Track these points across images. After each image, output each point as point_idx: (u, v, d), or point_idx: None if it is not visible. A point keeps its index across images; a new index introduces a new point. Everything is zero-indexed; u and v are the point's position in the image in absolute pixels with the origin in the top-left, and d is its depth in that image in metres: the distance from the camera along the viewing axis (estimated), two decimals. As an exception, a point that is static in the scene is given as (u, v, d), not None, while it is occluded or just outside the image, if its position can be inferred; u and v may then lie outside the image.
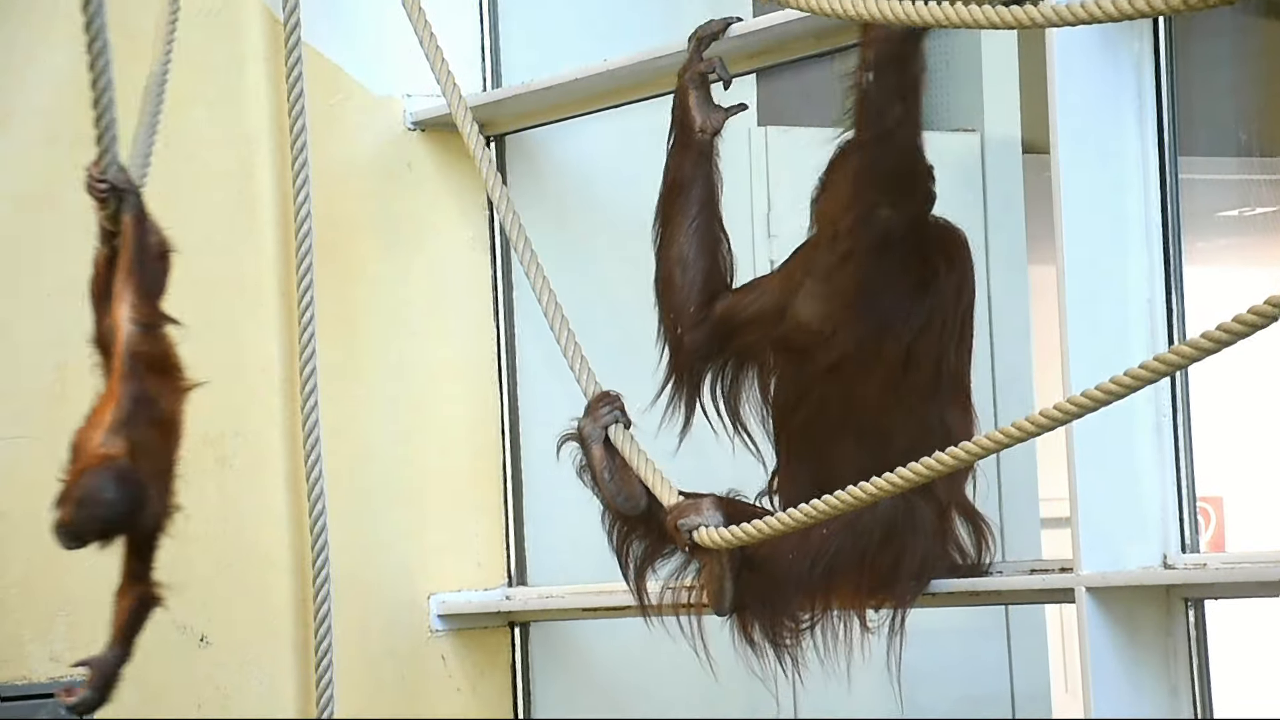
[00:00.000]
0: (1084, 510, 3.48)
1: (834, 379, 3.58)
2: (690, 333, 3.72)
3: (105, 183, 3.30)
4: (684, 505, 3.48)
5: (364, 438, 4.45)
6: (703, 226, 3.71)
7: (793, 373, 3.67)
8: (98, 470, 3.23)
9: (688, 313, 3.72)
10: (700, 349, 3.73)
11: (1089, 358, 3.49)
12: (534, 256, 3.84)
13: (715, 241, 3.73)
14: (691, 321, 3.72)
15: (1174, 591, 3.53)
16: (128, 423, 3.26)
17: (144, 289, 3.33)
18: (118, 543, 3.32)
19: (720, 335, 3.73)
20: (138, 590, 3.38)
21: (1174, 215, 3.60)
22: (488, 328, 4.61)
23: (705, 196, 3.71)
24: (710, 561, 3.49)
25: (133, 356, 3.29)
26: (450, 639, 4.51)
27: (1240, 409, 5.55)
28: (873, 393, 3.55)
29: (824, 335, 3.58)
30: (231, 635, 4.23)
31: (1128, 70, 3.58)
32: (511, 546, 4.60)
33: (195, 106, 4.29)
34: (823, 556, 3.49)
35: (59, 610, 4.03)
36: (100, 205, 3.33)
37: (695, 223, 3.71)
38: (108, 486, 3.23)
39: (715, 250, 3.73)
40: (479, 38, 4.60)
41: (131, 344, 3.30)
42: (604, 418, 3.69)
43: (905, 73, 3.40)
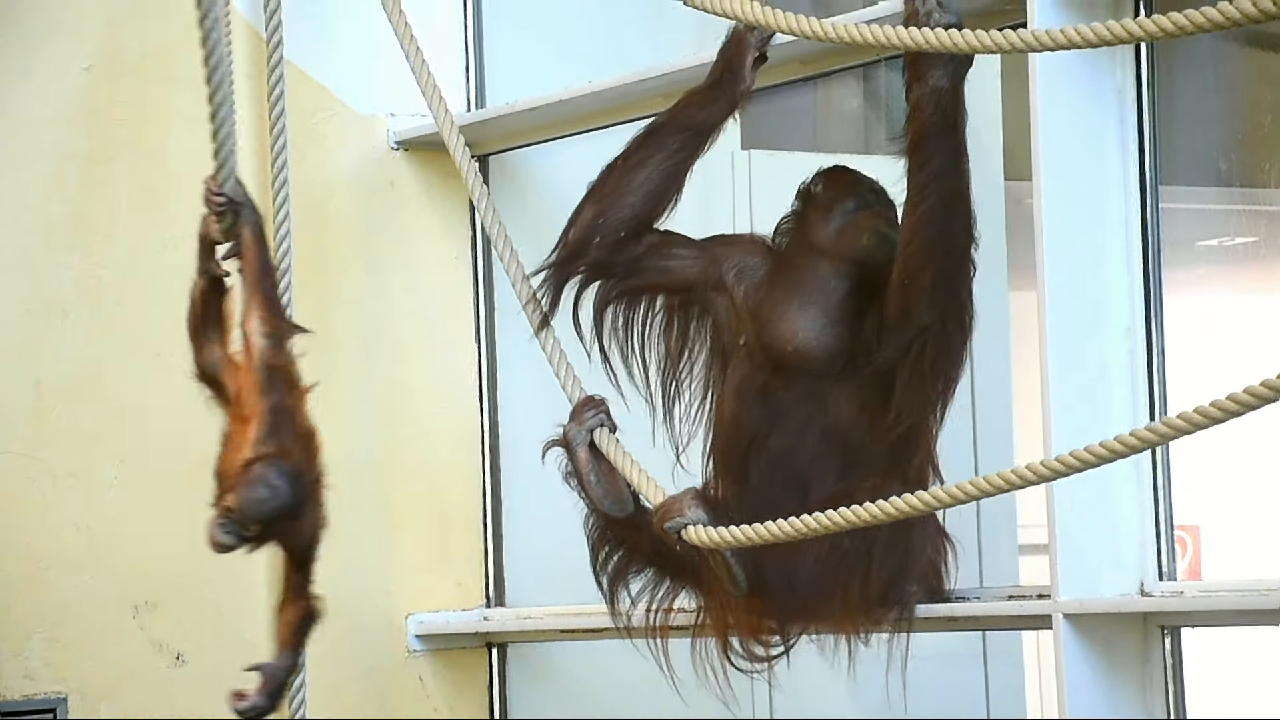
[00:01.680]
0: (1062, 537, 3.48)
1: (821, 398, 3.60)
2: (608, 249, 3.71)
3: (223, 196, 3.31)
4: (668, 505, 3.49)
5: (344, 456, 4.42)
6: (679, 166, 3.70)
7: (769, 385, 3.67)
8: (265, 462, 3.25)
9: (615, 231, 3.70)
10: (606, 266, 3.72)
11: (1069, 386, 3.50)
12: (519, 265, 3.86)
13: (677, 188, 3.71)
14: (613, 241, 3.71)
15: (1151, 619, 3.53)
16: (273, 435, 3.27)
17: (271, 301, 3.33)
18: (265, 552, 3.33)
19: (630, 267, 3.72)
20: (300, 605, 3.38)
21: (1154, 244, 3.62)
22: (469, 348, 4.61)
23: (698, 144, 3.70)
24: (711, 555, 3.50)
25: (269, 370, 3.30)
26: (428, 659, 4.51)
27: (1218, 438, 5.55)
28: (854, 415, 3.57)
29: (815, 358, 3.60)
30: (208, 653, 4.22)
31: (1109, 98, 3.60)
32: (490, 567, 4.60)
33: (177, 123, 4.28)
34: (829, 558, 3.50)
35: (35, 628, 4.01)
36: (217, 219, 3.33)
37: (674, 160, 3.70)
38: (277, 475, 3.24)
39: (671, 194, 3.71)
40: (463, 58, 4.61)
41: (265, 357, 3.31)
42: (589, 421, 3.70)
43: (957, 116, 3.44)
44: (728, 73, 3.69)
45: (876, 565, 3.53)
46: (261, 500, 3.23)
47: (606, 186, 3.72)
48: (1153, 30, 2.74)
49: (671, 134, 3.70)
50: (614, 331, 3.75)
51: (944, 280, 3.46)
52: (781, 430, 3.62)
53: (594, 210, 3.72)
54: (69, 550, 4.06)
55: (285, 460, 3.27)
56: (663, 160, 3.70)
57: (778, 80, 3.93)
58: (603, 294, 3.74)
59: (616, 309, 3.74)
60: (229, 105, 3.26)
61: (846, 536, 3.45)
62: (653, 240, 3.73)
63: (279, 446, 3.27)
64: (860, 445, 3.57)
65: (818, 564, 3.52)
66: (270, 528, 3.26)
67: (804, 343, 3.61)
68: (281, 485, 3.24)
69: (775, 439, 3.62)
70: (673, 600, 3.72)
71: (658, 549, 3.66)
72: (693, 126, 3.69)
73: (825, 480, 3.57)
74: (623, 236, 3.71)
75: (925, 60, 3.45)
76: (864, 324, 3.59)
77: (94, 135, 4.14)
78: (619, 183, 3.70)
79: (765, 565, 3.53)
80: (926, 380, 3.50)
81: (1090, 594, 3.49)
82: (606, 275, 3.74)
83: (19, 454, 4.03)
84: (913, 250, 3.47)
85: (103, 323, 4.14)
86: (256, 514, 3.23)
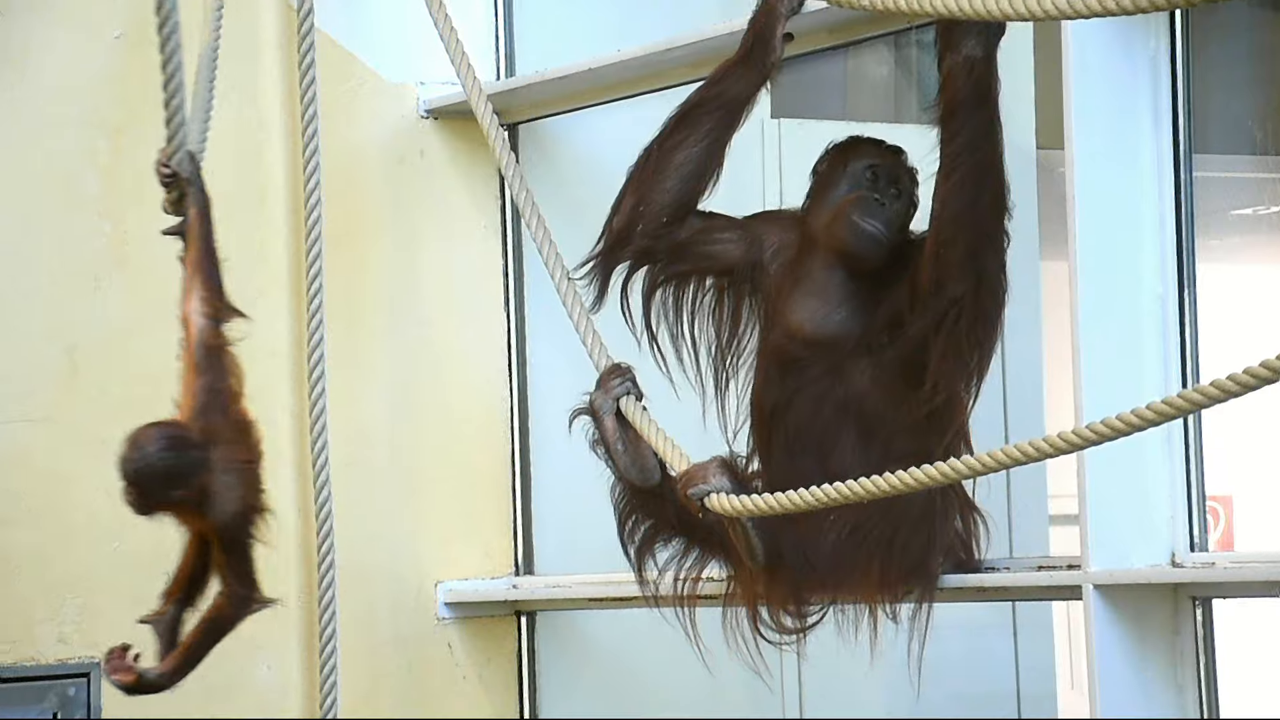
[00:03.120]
0: (1093, 507, 3.47)
1: (837, 377, 3.60)
2: (651, 235, 3.72)
3: (169, 169, 3.31)
4: (691, 472, 3.49)
5: (372, 425, 4.46)
6: (715, 144, 3.70)
7: (786, 366, 3.67)
8: (156, 426, 3.27)
9: (658, 217, 3.71)
10: (651, 253, 3.74)
11: (1101, 355, 3.49)
12: (546, 233, 3.86)
13: (717, 164, 3.72)
14: (656, 225, 3.72)
15: (1182, 590, 3.53)
16: (203, 413, 3.27)
17: (212, 282, 3.34)
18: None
19: (673, 252, 3.73)
20: (217, 603, 3.37)
21: (1187, 213, 3.60)
22: (498, 317, 4.61)
23: (732, 119, 3.69)
24: (732, 524, 3.50)
25: (206, 350, 3.30)
26: (457, 627, 4.52)
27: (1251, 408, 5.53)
28: (873, 388, 3.57)
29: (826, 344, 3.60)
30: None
31: (1143, 66, 3.58)
32: (519, 535, 4.60)
33: (208, 92, 4.29)
34: (855, 531, 3.50)
35: (69, 592, 4.04)
36: (165, 192, 3.33)
37: (710, 139, 3.70)
38: (156, 439, 3.24)
39: (710, 173, 3.72)
40: (492, 26, 4.60)
41: (204, 338, 3.32)
42: (615, 389, 3.70)
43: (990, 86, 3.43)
44: (758, 43, 3.67)
45: (900, 539, 3.52)
46: (128, 460, 3.23)
47: (645, 172, 3.72)
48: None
49: (705, 112, 3.69)
50: (663, 316, 3.75)
51: (976, 250, 3.45)
52: (806, 409, 3.62)
53: (635, 197, 3.72)
54: (101, 516, 4.08)
55: (179, 429, 3.26)
56: (698, 140, 3.70)
57: (808, 48, 3.91)
58: (650, 280, 3.75)
59: (664, 294, 3.75)
60: (180, 79, 3.26)
61: (869, 511, 3.45)
62: (696, 224, 3.74)
63: (205, 424, 3.26)
64: (890, 419, 3.57)
65: (839, 539, 3.52)
66: (150, 491, 3.24)
67: (810, 333, 3.64)
68: (152, 450, 3.22)
69: (800, 418, 3.63)
70: (701, 569, 3.72)
71: (684, 518, 3.66)
72: (725, 103, 3.68)
73: (857, 455, 3.56)
74: (665, 221, 3.71)
75: (958, 29, 3.43)
76: (881, 299, 3.58)
77: (124, 103, 4.14)
78: (657, 167, 3.71)
79: (784, 540, 3.52)
80: (963, 351, 3.49)
81: (1121, 564, 3.48)
82: (652, 261, 3.75)
83: (51, 420, 4.05)
84: (945, 220, 3.46)
85: (133, 290, 4.16)
86: (125, 472, 3.23)
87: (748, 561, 3.56)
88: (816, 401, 3.61)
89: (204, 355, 3.31)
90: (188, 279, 3.35)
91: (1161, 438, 3.55)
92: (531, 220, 3.90)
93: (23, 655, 4.01)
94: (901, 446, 3.50)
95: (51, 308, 4.07)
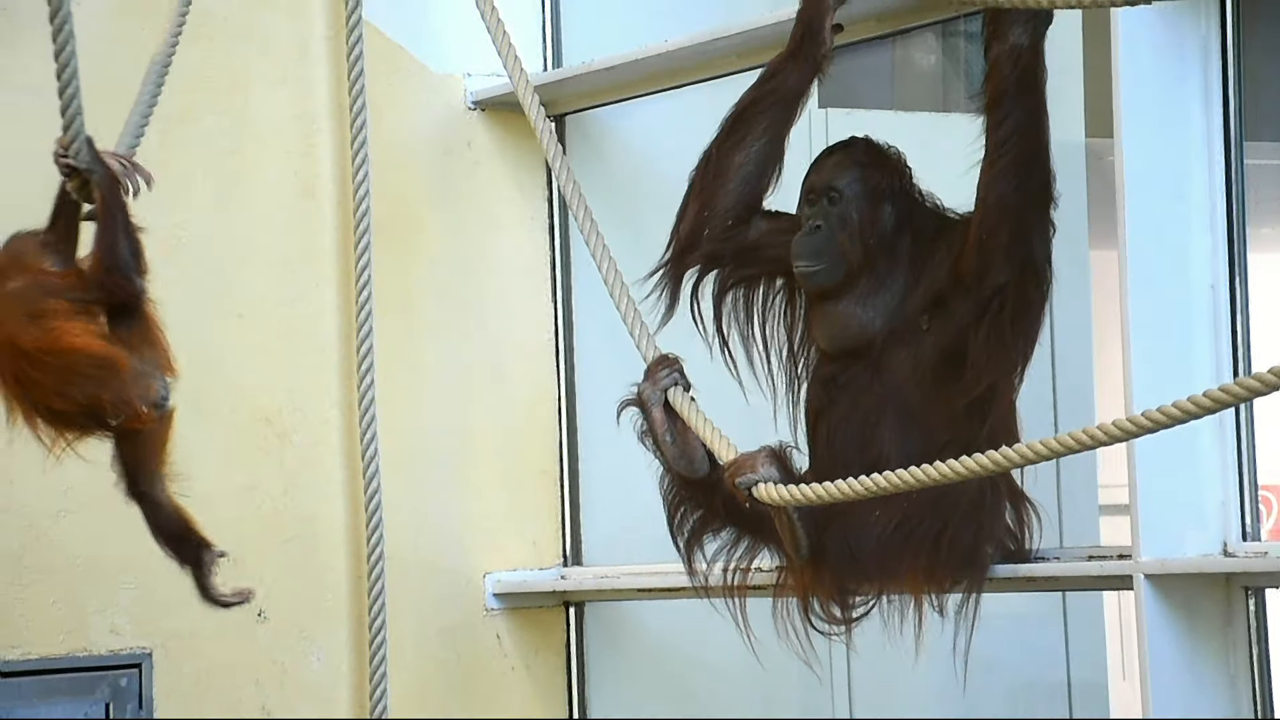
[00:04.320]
0: (1144, 497, 3.46)
1: (878, 370, 3.59)
2: (718, 239, 3.72)
3: (66, 159, 3.31)
4: (740, 461, 3.49)
5: (421, 416, 4.47)
6: (773, 141, 3.70)
7: (829, 362, 3.67)
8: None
9: (723, 219, 3.72)
10: (719, 256, 3.74)
11: (1151, 343, 3.47)
12: (594, 224, 3.86)
13: (776, 160, 3.72)
14: (722, 229, 3.72)
15: (1234, 580, 3.50)
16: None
17: (118, 258, 3.31)
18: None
19: (740, 255, 3.73)
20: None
21: (1238, 200, 3.57)
22: (545, 307, 4.62)
23: (787, 115, 3.69)
24: (778, 513, 3.50)
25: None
26: (505, 618, 4.53)
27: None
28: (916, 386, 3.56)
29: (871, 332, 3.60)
30: (289, 611, 4.26)
31: (1193, 53, 3.55)
32: (567, 526, 4.61)
33: (257, 85, 4.31)
34: (903, 524, 3.49)
35: (122, 583, 4.06)
36: (67, 180, 3.34)
37: (767, 136, 3.70)
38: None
39: (771, 171, 3.72)
40: (539, 17, 4.61)
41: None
42: (663, 380, 3.70)
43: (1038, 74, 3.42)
44: (808, 36, 3.67)
45: (950, 530, 3.51)
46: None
47: (706, 176, 3.72)
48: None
49: (760, 110, 3.69)
50: (733, 318, 3.76)
51: (1021, 238, 3.43)
52: (850, 402, 3.62)
53: (699, 202, 3.73)
54: (153, 508, 4.10)
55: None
56: (756, 139, 3.69)
57: (855, 38, 3.90)
58: (719, 283, 3.76)
59: (734, 297, 3.75)
60: (73, 71, 3.25)
61: (918, 502, 3.44)
62: (762, 225, 3.74)
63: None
64: (933, 410, 3.56)
65: (887, 530, 3.51)
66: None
67: (847, 330, 3.63)
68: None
69: (844, 411, 3.62)
70: (751, 560, 3.72)
71: (732, 508, 3.66)
72: (780, 99, 3.68)
73: (900, 445, 3.55)
74: (731, 224, 3.72)
75: (1005, 17, 3.41)
76: (919, 279, 3.57)
77: (176, 97, 4.14)
78: (718, 170, 3.71)
79: (831, 534, 3.52)
80: (1005, 340, 3.47)
81: (1172, 554, 3.46)
82: (720, 264, 3.75)
83: (103, 412, 4.06)
84: (989, 207, 3.44)
85: (185, 282, 4.17)
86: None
87: (792, 554, 3.55)
88: (859, 394, 3.61)
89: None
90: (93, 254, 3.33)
91: (1213, 426, 3.53)
92: (579, 212, 3.90)
93: (75, 646, 4.03)
94: (944, 436, 3.49)
95: (103, 300, 4.08)
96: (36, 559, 3.97)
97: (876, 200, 3.62)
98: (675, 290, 3.76)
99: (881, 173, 3.63)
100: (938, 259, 3.56)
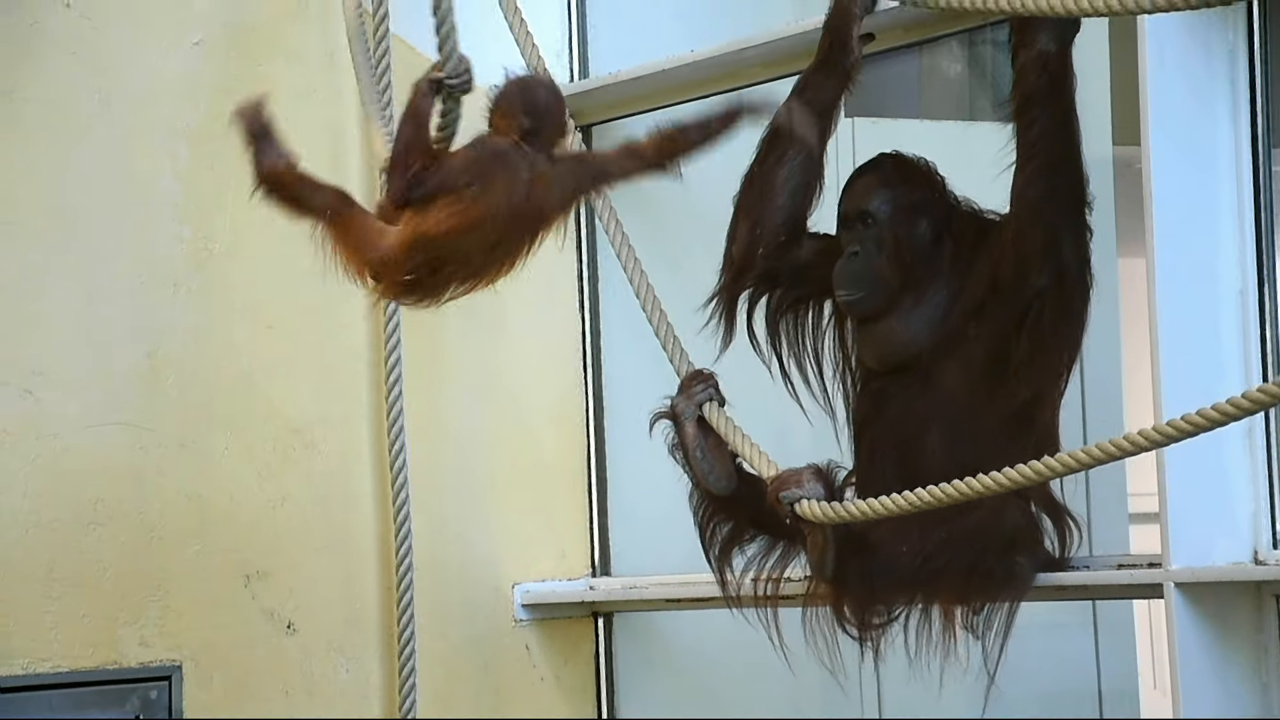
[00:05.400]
0: (1174, 505, 3.45)
1: (922, 382, 3.59)
2: (773, 257, 3.72)
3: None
4: (785, 476, 3.48)
5: (450, 427, 4.48)
6: (812, 154, 3.71)
7: (873, 377, 3.68)
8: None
9: (775, 236, 3.72)
10: (774, 276, 3.75)
11: (1181, 350, 3.46)
12: (625, 238, 3.86)
13: (818, 174, 3.73)
14: (775, 247, 3.73)
15: (1265, 588, 3.49)
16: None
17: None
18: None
19: (795, 274, 3.73)
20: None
21: (1266, 206, 3.57)
22: (573, 318, 4.62)
23: (822, 129, 3.69)
24: (814, 531, 3.49)
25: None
26: (534, 628, 4.53)
27: (1332, 405, 5.46)
28: (962, 396, 3.55)
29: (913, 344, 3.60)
30: (318, 622, 4.26)
31: (1220, 59, 3.55)
32: (595, 537, 4.61)
33: (286, 97, 4.31)
34: (935, 557, 3.48)
35: (151, 597, 4.07)
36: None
37: (806, 150, 3.70)
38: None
39: (815, 184, 3.73)
40: (566, 28, 4.61)
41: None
42: (698, 395, 3.70)
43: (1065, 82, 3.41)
44: (835, 46, 3.67)
45: (987, 550, 3.50)
46: None
47: (752, 195, 3.73)
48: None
49: (805, 114, 3.69)
50: (790, 339, 3.75)
51: (1055, 240, 3.43)
52: (893, 416, 3.62)
53: (749, 221, 3.73)
54: (182, 520, 4.12)
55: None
56: (795, 153, 3.70)
57: (882, 46, 3.90)
58: (774, 304, 3.76)
59: (790, 317, 3.75)
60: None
61: (954, 514, 3.42)
62: (814, 245, 3.74)
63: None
64: (976, 420, 3.55)
65: (923, 543, 3.50)
66: None
67: (882, 362, 3.63)
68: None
69: (887, 425, 3.63)
70: (783, 570, 3.71)
71: (764, 519, 3.66)
72: (814, 111, 3.68)
73: (942, 459, 3.54)
74: (784, 240, 3.73)
75: (1031, 25, 3.41)
76: (961, 286, 3.56)
77: (204, 109, 4.18)
78: (763, 188, 3.71)
79: (862, 550, 3.51)
80: (1047, 347, 3.47)
81: (1202, 562, 3.46)
82: (774, 285, 3.75)
83: (132, 425, 4.08)
84: (1022, 210, 3.44)
85: (213, 295, 4.19)
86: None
87: (815, 574, 3.55)
88: (905, 407, 3.61)
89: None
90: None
91: (1242, 433, 3.52)
92: (609, 223, 3.90)
93: (105, 658, 4.04)
94: (988, 448, 3.48)
95: (133, 313, 4.10)
96: (66, 572, 3.98)
97: (911, 217, 3.61)
98: (732, 313, 3.76)
99: (913, 188, 3.63)
100: (979, 264, 3.56)
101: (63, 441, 3.99)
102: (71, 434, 4.00)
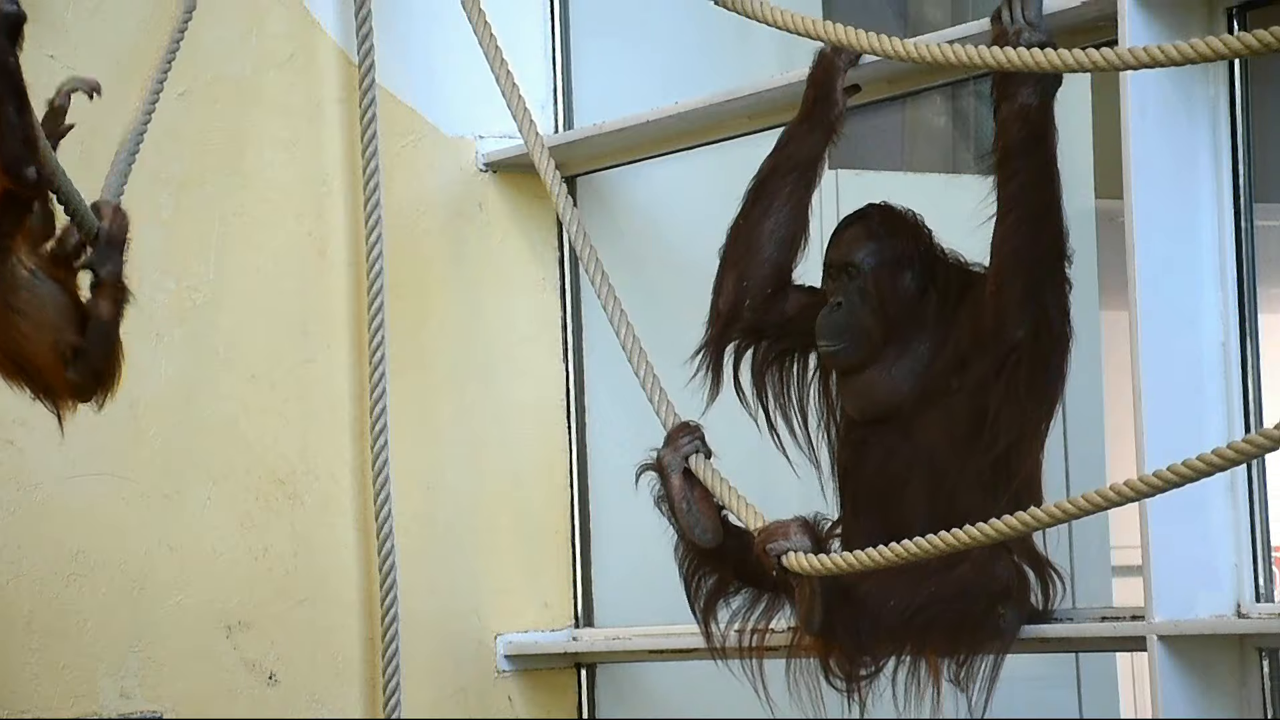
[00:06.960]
0: (1156, 557, 3.44)
1: (902, 434, 3.59)
2: (759, 310, 3.73)
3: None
4: (772, 529, 3.48)
5: (433, 478, 4.47)
6: (798, 206, 3.71)
7: (855, 428, 3.68)
8: None
9: (761, 289, 3.72)
10: (759, 329, 3.74)
11: (1163, 403, 3.46)
12: (610, 287, 3.86)
13: (803, 226, 3.73)
14: (761, 300, 3.72)
15: (1248, 641, 3.49)
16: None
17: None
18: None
19: (780, 327, 3.73)
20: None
21: (1248, 260, 3.57)
22: (557, 369, 4.62)
23: (808, 180, 3.70)
24: (802, 584, 3.49)
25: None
26: (517, 679, 4.52)
27: (1315, 456, 5.48)
28: (943, 447, 3.56)
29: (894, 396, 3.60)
30: (300, 673, 4.25)
31: (1202, 114, 3.56)
32: (579, 587, 4.60)
33: (270, 148, 4.33)
34: (923, 609, 3.47)
35: (131, 648, 4.06)
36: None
37: (792, 201, 3.70)
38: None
39: (800, 236, 3.73)
40: (550, 79, 4.63)
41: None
42: (685, 447, 3.69)
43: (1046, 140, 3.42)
44: (820, 99, 3.69)
45: (969, 604, 3.49)
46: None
47: (738, 248, 3.73)
48: (1250, 45, 2.71)
49: (780, 177, 3.71)
50: (776, 390, 3.75)
51: (1035, 292, 3.43)
52: (874, 467, 3.62)
53: (735, 273, 3.73)
54: (163, 570, 4.11)
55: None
56: (781, 205, 3.71)
57: (866, 99, 3.92)
58: (760, 356, 3.76)
59: (776, 369, 3.75)
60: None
61: (934, 567, 3.42)
62: (800, 298, 3.74)
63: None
64: (956, 472, 3.55)
65: (904, 596, 3.49)
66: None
67: (864, 413, 3.63)
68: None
69: (869, 477, 3.62)
70: (768, 621, 3.71)
71: (746, 570, 3.65)
72: (797, 164, 3.70)
73: (924, 511, 3.54)
74: (770, 293, 3.73)
75: (1013, 78, 3.43)
76: (944, 339, 3.57)
77: (188, 160, 4.19)
78: (748, 240, 3.71)
79: (846, 605, 3.50)
80: (1022, 398, 3.47)
81: (1185, 615, 3.45)
82: (762, 337, 3.75)
83: (114, 475, 4.08)
84: (1002, 261, 3.45)
85: (197, 345, 4.19)
86: None
87: (802, 626, 3.54)
88: (887, 457, 3.61)
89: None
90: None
91: (1225, 488, 3.52)
92: (595, 274, 3.91)
93: (85, 709, 4.03)
94: (969, 499, 3.48)
95: (115, 362, 4.10)
96: (46, 623, 3.97)
97: (896, 270, 3.62)
98: (719, 366, 3.76)
99: (899, 240, 3.63)
100: (962, 317, 3.57)
101: (44, 491, 3.98)
102: (53, 484, 4.00)
